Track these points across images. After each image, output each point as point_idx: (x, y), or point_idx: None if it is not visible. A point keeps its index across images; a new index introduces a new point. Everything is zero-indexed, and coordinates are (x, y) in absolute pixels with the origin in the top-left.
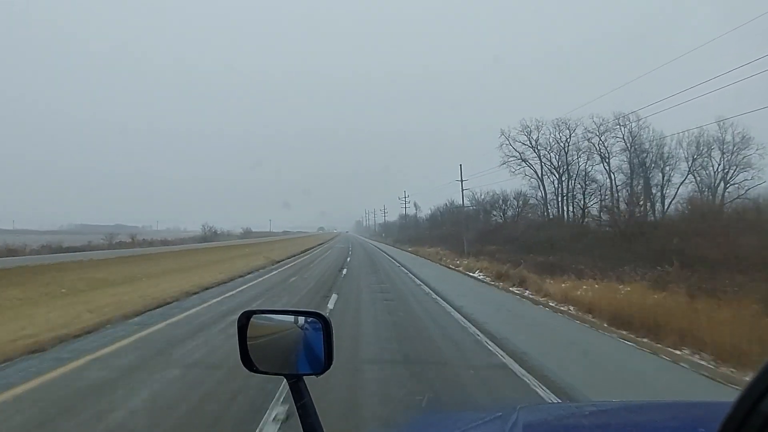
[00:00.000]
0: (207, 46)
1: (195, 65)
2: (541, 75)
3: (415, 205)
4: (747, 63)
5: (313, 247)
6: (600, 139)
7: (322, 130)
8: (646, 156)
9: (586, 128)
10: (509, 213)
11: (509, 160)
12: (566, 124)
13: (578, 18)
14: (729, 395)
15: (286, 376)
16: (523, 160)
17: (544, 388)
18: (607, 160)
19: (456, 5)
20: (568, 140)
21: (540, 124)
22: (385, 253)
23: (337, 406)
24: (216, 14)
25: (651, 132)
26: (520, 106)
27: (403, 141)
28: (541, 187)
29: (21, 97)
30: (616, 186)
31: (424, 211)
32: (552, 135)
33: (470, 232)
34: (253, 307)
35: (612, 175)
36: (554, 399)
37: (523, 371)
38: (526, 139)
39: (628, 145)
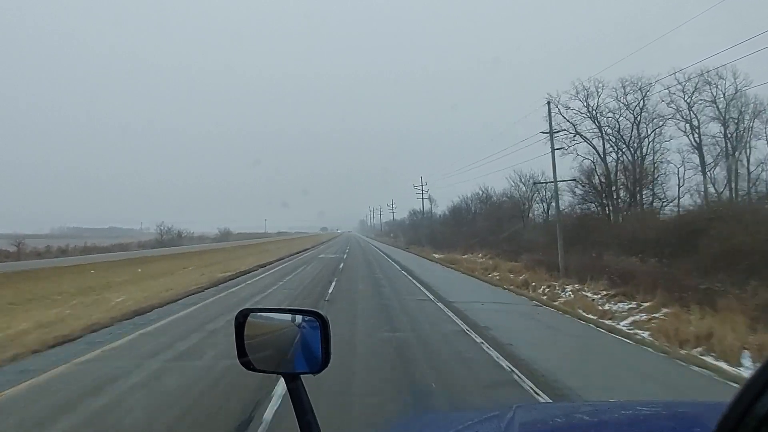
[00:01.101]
0: (207, 46)
1: (194, 66)
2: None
3: (429, 198)
4: None
5: (284, 258)
6: (688, 103)
7: (323, 130)
8: None
9: (666, 87)
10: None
11: (558, 134)
12: (637, 83)
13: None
14: None
15: (283, 374)
16: (577, 133)
17: None
18: (696, 131)
19: (455, 7)
20: (641, 105)
21: (600, 85)
22: (406, 272)
23: None
24: (216, 15)
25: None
26: (523, 100)
27: (407, 139)
28: (603, 168)
29: (13, 96)
30: (705, 165)
31: (441, 207)
32: (622, 98)
33: (536, 230)
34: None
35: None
36: None
37: None
38: (581, 105)
39: (722, 111)
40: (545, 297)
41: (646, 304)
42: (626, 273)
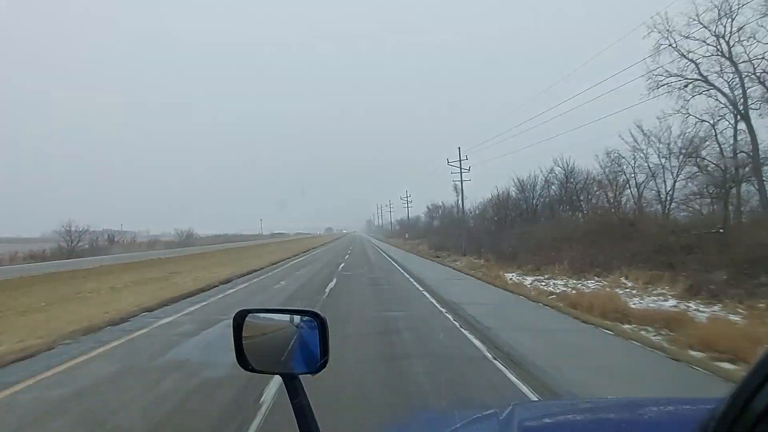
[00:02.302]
0: (206, 47)
1: (194, 66)
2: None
3: (456, 189)
4: None
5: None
6: None
7: (325, 128)
8: None
9: None
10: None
11: (668, 80)
12: None
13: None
14: None
15: (281, 374)
16: (703, 80)
17: None
18: None
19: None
20: None
21: (739, 3)
22: None
23: None
24: (214, 15)
25: None
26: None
27: (410, 138)
28: (747, 134)
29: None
30: None
31: (468, 201)
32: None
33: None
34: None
35: None
36: None
37: None
38: (708, 35)
39: None
40: None
41: None
42: None
